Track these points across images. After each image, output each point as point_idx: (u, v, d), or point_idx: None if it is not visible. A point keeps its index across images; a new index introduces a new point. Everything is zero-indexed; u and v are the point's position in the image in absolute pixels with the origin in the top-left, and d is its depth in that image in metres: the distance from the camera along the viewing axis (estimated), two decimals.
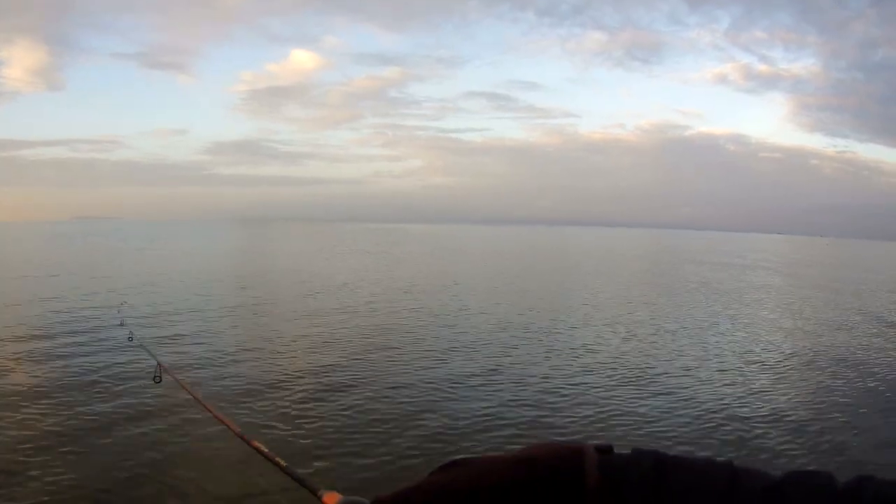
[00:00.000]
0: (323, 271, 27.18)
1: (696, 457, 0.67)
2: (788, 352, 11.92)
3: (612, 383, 9.22)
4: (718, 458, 0.66)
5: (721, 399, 8.50)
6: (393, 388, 8.33)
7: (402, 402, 7.72)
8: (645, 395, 8.61)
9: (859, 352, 12.06)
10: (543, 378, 9.28)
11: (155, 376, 5.34)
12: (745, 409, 8.09)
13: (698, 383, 9.40)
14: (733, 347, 12.17)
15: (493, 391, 8.48)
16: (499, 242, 72.87)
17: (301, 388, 8.12)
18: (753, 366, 10.72)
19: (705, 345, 12.34)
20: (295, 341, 11.22)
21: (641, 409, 7.93)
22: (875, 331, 14.79)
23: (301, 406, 7.37)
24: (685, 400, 8.43)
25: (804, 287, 26.92)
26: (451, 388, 8.45)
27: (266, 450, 2.69)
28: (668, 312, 16.79)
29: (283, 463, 2.57)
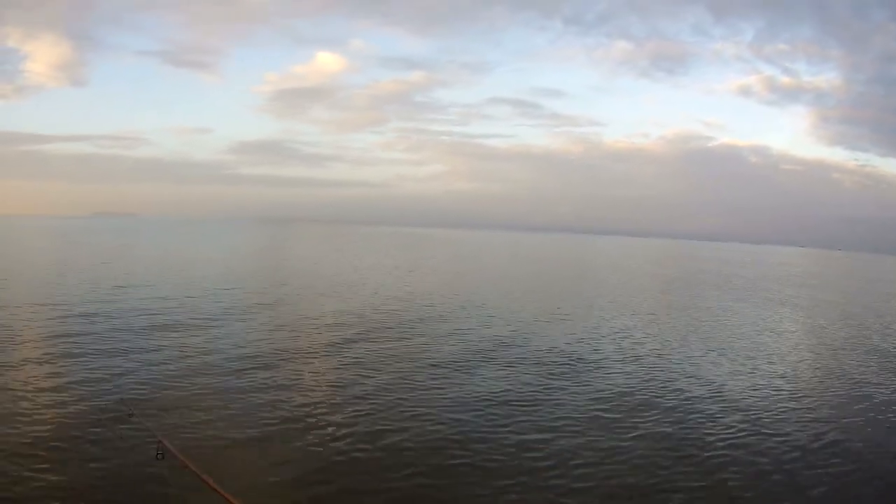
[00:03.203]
0: (347, 279, 26.35)
1: None
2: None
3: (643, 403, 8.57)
4: None
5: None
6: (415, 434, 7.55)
7: (416, 446, 7.02)
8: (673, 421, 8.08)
9: None
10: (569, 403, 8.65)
11: (157, 453, 4.60)
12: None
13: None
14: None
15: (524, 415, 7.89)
16: (523, 250, 71.45)
17: (312, 456, 7.24)
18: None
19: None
20: (310, 388, 10.17)
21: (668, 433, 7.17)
22: None
23: (306, 475, 6.64)
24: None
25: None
26: (482, 414, 7.88)
27: None
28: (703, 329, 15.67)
29: None
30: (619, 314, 20.64)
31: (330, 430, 7.94)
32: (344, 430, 7.90)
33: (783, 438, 8.36)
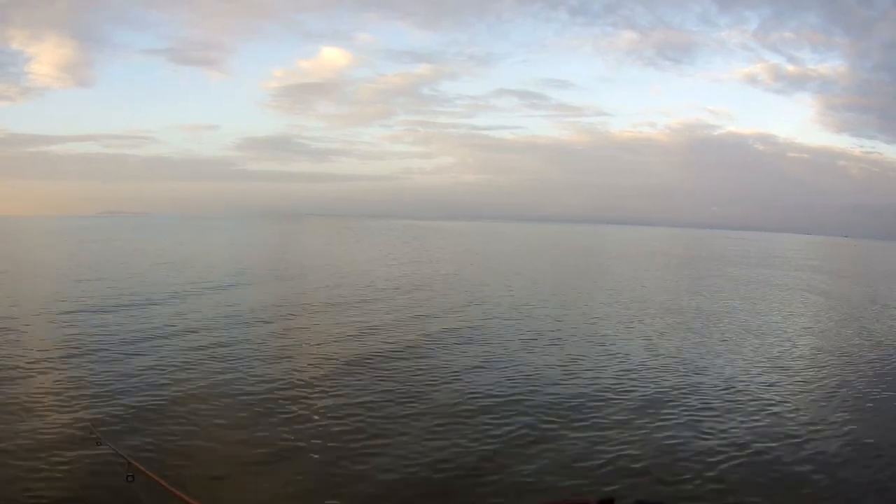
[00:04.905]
0: (360, 274, 25.97)
1: None
2: None
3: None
4: None
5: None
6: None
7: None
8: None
9: None
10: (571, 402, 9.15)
11: (126, 475, 4.07)
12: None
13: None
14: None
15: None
16: (531, 241, 71.09)
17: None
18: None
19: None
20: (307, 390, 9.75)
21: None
22: None
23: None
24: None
25: None
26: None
27: None
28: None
29: None
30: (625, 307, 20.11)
31: (322, 431, 7.56)
32: (338, 439, 7.44)
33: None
